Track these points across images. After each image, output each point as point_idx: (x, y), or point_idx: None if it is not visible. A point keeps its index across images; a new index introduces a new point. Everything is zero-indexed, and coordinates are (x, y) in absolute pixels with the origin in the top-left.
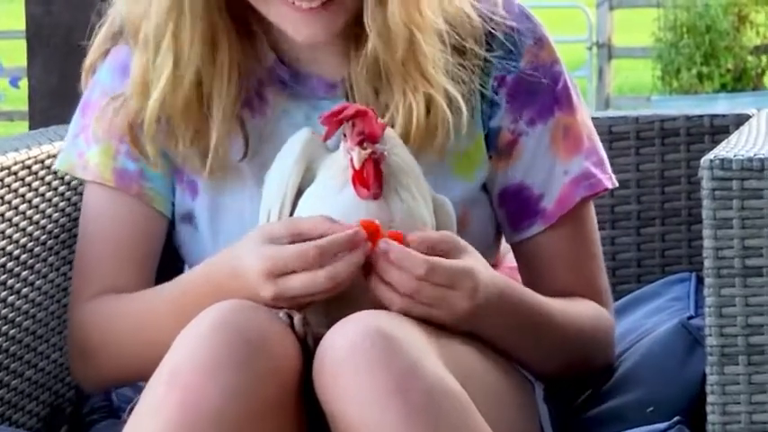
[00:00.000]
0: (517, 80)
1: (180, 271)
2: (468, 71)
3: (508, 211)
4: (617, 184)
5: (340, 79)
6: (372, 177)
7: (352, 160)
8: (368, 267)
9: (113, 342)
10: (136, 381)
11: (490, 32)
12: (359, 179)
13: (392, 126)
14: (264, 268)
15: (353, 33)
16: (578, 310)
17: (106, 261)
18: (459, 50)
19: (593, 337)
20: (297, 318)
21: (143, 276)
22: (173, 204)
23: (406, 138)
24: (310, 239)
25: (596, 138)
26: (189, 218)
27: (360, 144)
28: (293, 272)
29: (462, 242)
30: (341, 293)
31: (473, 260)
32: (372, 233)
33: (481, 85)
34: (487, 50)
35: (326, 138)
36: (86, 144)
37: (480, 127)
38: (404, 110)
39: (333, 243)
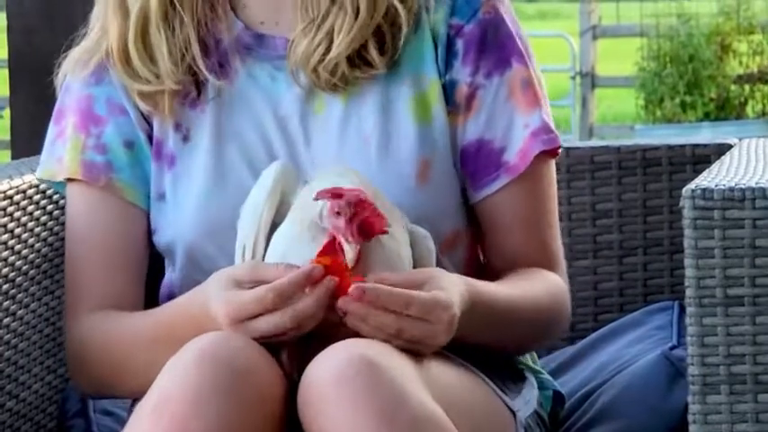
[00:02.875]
0: (474, 30)
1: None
2: None
3: (470, 169)
4: (562, 145)
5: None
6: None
7: (341, 246)
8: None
9: (106, 360)
10: (129, 396)
11: None
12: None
13: (331, 33)
14: (227, 315)
15: None
16: (539, 292)
17: (92, 265)
18: None
19: (552, 314)
20: (283, 354)
21: (130, 278)
22: (147, 197)
23: (340, 40)
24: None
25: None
26: (162, 195)
27: (358, 242)
28: (258, 315)
29: (423, 273)
30: (318, 329)
31: (445, 290)
32: (336, 270)
33: (433, 29)
34: None
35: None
36: (63, 146)
37: (434, 70)
38: (339, 15)
39: (289, 284)
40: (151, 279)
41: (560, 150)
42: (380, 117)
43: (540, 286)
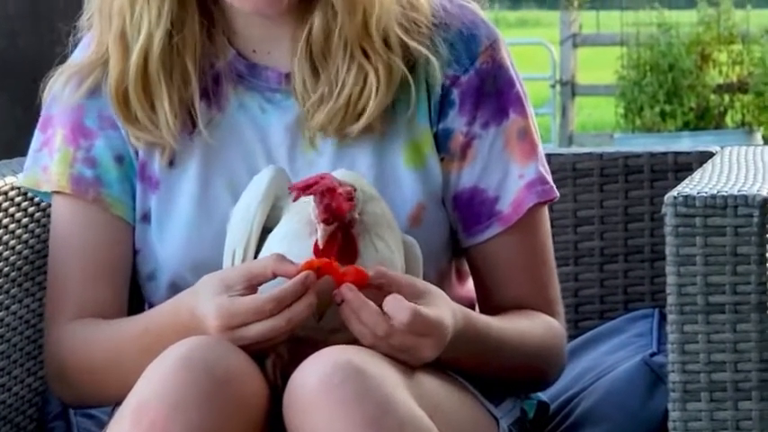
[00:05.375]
0: (471, 80)
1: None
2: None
3: (463, 215)
4: (558, 195)
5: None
6: (335, 252)
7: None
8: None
9: (88, 369)
10: (112, 403)
11: (445, 25)
12: (322, 250)
13: (348, 104)
14: (220, 324)
15: (305, 19)
16: (534, 331)
17: (75, 277)
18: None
19: (548, 355)
20: (268, 362)
21: (114, 290)
22: (134, 210)
23: (358, 111)
24: (264, 280)
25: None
26: (146, 217)
27: (325, 222)
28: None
29: (424, 284)
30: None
31: (442, 309)
32: (328, 269)
33: (428, 81)
34: (440, 45)
35: (295, 200)
36: (50, 156)
37: (427, 119)
38: (357, 83)
39: (287, 293)
40: (135, 288)
41: (555, 199)
42: (374, 161)
43: (538, 326)
